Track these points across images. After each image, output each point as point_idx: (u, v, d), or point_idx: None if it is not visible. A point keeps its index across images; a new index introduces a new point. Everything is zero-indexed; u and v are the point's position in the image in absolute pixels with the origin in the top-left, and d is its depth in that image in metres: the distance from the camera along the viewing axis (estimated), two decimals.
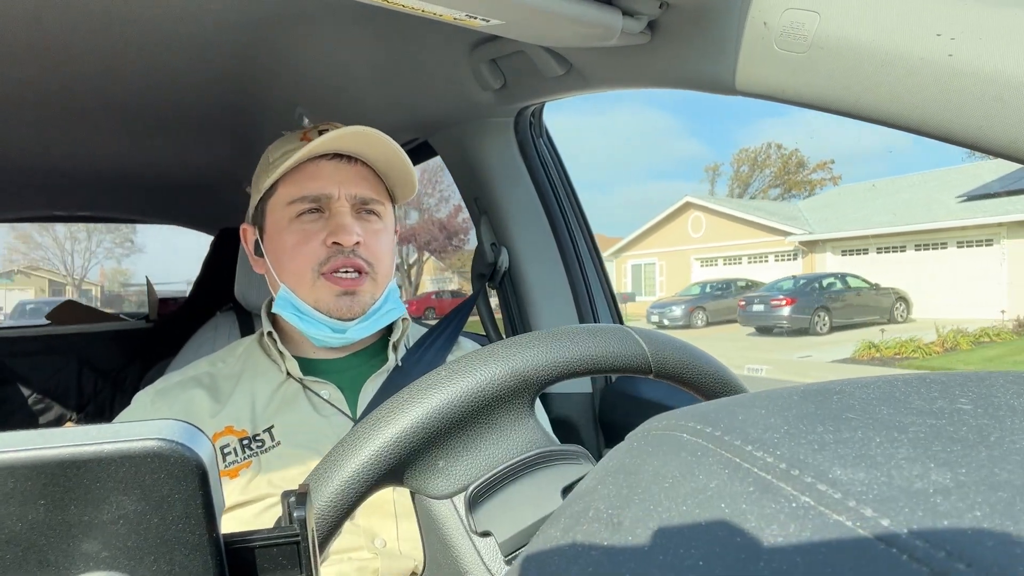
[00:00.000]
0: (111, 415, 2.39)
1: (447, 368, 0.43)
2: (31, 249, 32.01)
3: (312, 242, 0.86)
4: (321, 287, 0.86)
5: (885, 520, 0.18)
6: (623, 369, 0.46)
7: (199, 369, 0.92)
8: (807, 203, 24.31)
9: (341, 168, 0.89)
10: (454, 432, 0.42)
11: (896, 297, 16.13)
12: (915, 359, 11.48)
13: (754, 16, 0.62)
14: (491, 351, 0.44)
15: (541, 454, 0.44)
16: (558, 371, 0.44)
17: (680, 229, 24.07)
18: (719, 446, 0.23)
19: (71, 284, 31.89)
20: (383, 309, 0.90)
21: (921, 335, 12.73)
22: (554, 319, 1.27)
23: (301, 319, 0.87)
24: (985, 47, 0.49)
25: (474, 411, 0.42)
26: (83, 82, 1.26)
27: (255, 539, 0.27)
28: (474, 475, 0.43)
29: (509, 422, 0.44)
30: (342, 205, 0.87)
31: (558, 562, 0.22)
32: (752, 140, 65.54)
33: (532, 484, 0.43)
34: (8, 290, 29.54)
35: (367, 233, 0.88)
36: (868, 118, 0.58)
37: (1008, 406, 0.23)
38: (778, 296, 15.13)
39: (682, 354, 0.49)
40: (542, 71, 0.94)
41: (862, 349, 12.22)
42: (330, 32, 1.09)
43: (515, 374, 0.43)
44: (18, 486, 0.21)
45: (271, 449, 0.82)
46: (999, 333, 13.06)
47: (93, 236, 31.81)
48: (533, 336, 0.45)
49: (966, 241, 16.10)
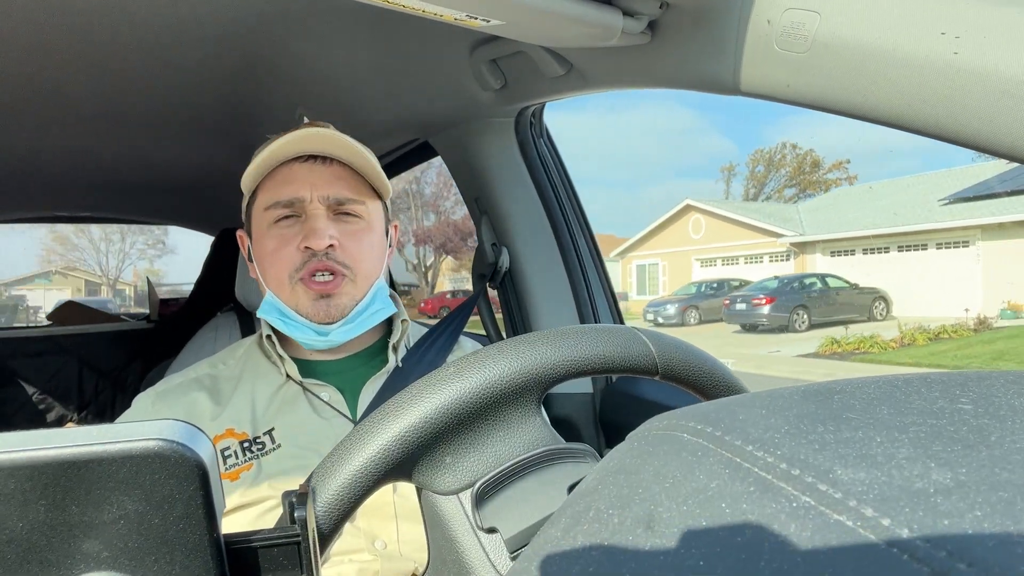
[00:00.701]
0: (112, 416, 2.40)
1: (457, 364, 0.43)
2: (68, 250, 33.00)
3: (288, 247, 0.86)
4: (299, 292, 0.86)
5: (886, 520, 0.18)
6: (630, 370, 0.46)
7: (200, 371, 0.92)
8: (806, 205, 25.11)
9: (315, 169, 0.87)
10: (462, 428, 0.42)
11: (875, 296, 16.91)
12: (872, 353, 12.15)
13: (754, 16, 0.62)
14: (501, 348, 0.44)
15: (548, 452, 0.44)
16: (566, 370, 0.44)
17: (681, 231, 24.97)
18: (720, 446, 0.23)
19: (106, 284, 32.49)
20: (369, 310, 0.90)
21: (883, 332, 13.43)
22: (554, 319, 1.27)
23: (286, 323, 0.87)
24: (990, 46, 0.48)
25: (483, 407, 0.42)
26: (84, 82, 1.26)
27: (256, 539, 0.27)
28: (481, 471, 0.43)
29: (517, 419, 0.44)
30: (316, 208, 0.86)
31: (559, 562, 0.22)
32: (780, 136, 65.11)
33: (539, 481, 0.43)
34: (47, 290, 30.14)
35: (344, 235, 0.87)
36: (871, 118, 0.58)
37: (1009, 406, 0.23)
38: (759, 295, 16.06)
39: (687, 355, 0.49)
40: (542, 71, 0.94)
41: (825, 344, 12.94)
42: (331, 32, 1.10)
43: (524, 371, 0.43)
44: (19, 486, 0.21)
45: (272, 451, 0.82)
46: (956, 330, 13.71)
47: (127, 238, 32.60)
48: (542, 335, 0.45)
49: (945, 243, 16.91)
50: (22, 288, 31.76)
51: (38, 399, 2.33)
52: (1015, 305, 15.23)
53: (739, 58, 0.65)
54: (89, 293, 29.23)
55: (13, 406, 2.28)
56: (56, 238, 31.72)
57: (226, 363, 0.93)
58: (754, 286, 17.50)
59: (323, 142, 0.86)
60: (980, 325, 14.21)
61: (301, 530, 0.28)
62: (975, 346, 12.29)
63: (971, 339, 13.11)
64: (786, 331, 15.45)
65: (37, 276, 32.54)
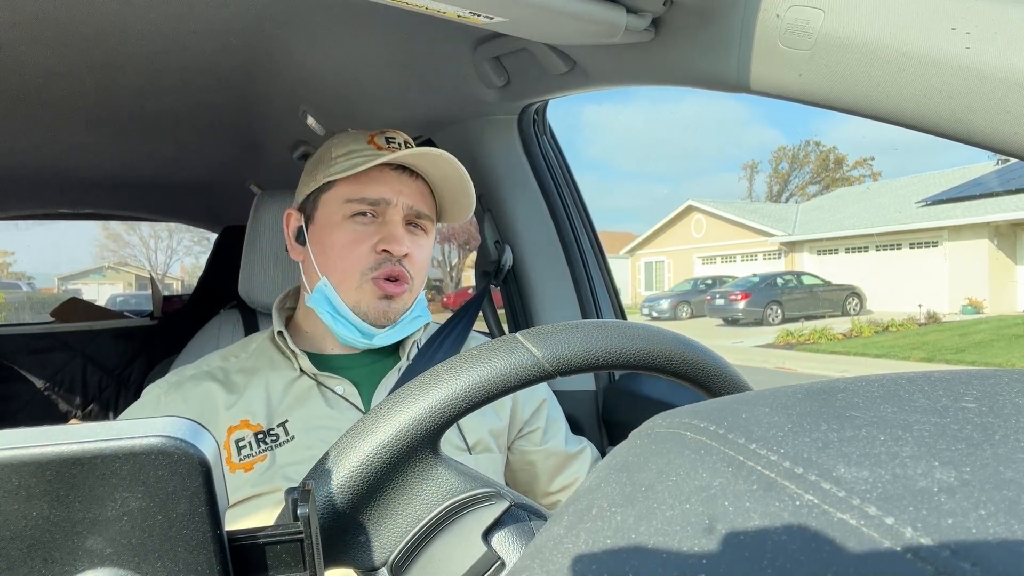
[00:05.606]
0: (116, 412, 2.40)
1: (336, 445, 0.41)
2: (120, 247, 34.54)
3: (363, 245, 0.88)
4: (366, 290, 0.88)
5: (889, 519, 0.18)
6: (522, 384, 0.43)
7: (212, 363, 0.92)
8: (807, 205, 26.46)
9: (404, 179, 0.91)
10: (366, 503, 0.40)
11: (849, 293, 18.19)
12: (820, 344, 13.46)
13: (758, 13, 0.61)
14: (376, 414, 0.41)
15: (453, 505, 0.42)
16: (446, 417, 0.41)
17: (684, 230, 26.51)
18: (723, 444, 0.23)
19: (155, 279, 33.16)
20: (409, 317, 0.93)
21: (833, 325, 15.04)
22: (557, 315, 1.27)
23: (334, 318, 0.89)
24: (1002, 41, 0.48)
25: (375, 481, 0.40)
26: (89, 82, 1.27)
27: (259, 536, 0.27)
28: (394, 543, 0.41)
29: (416, 479, 0.42)
30: (396, 213, 0.90)
31: (561, 560, 0.22)
32: (828, 123, 64.21)
33: (451, 537, 0.42)
34: (100, 284, 30.81)
35: (414, 246, 0.91)
36: (879, 116, 0.57)
37: (1013, 405, 0.23)
38: (735, 291, 17.53)
39: (573, 342, 0.44)
40: (546, 68, 0.94)
41: (780, 336, 14.28)
42: (333, 30, 1.09)
43: (401, 437, 0.40)
44: (23, 483, 0.21)
45: (286, 443, 0.83)
46: (903, 324, 14.99)
47: (174, 235, 33.67)
48: (413, 385, 0.42)
49: (917, 243, 18.29)
50: (77, 283, 32.50)
51: (42, 396, 2.34)
52: (975, 302, 16.46)
53: (743, 55, 0.65)
54: (139, 288, 29.63)
55: (18, 402, 2.29)
56: (109, 235, 33.12)
57: (238, 356, 0.94)
58: (735, 283, 18.76)
59: (431, 161, 0.90)
60: (929, 319, 15.46)
61: (304, 527, 0.28)
62: (909, 337, 13.49)
63: (911, 332, 14.21)
64: (761, 325, 16.66)
65: (91, 272, 33.47)
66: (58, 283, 32.74)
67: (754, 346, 13.40)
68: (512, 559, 0.41)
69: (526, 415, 0.99)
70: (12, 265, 31.98)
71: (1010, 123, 0.49)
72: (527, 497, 0.46)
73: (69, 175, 2.06)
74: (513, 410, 0.98)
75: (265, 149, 1.77)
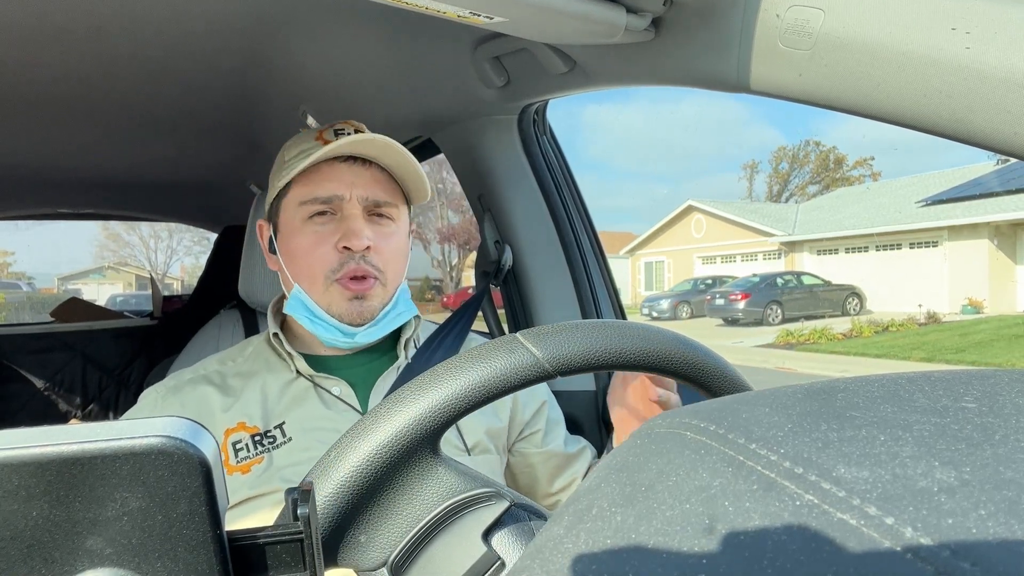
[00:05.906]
0: (116, 412, 2.40)
1: (336, 444, 0.41)
2: (120, 247, 34.60)
3: (324, 246, 0.87)
4: (334, 292, 0.87)
5: (889, 519, 0.17)
6: (522, 383, 0.43)
7: (209, 367, 0.92)
8: (807, 205, 26.51)
9: (355, 170, 0.89)
10: (365, 505, 0.41)
11: (849, 292, 18.19)
12: (820, 344, 13.49)
13: (758, 13, 0.61)
14: (376, 414, 0.41)
15: (453, 505, 0.42)
16: (447, 417, 0.41)
17: (684, 230, 26.53)
18: (723, 444, 0.23)
19: (155, 279, 33.34)
20: (392, 313, 0.91)
21: (833, 325, 15.09)
22: (557, 315, 1.27)
23: (312, 321, 0.88)
24: (1003, 41, 0.48)
25: (375, 481, 0.40)
26: (89, 82, 1.27)
27: (259, 536, 0.27)
28: (394, 542, 0.41)
29: (416, 479, 0.42)
30: (353, 207, 0.87)
31: (561, 560, 0.22)
32: (828, 123, 64.08)
33: (451, 537, 0.42)
34: (100, 284, 30.89)
35: (378, 236, 0.88)
36: (879, 116, 0.57)
37: (1013, 405, 0.23)
38: (735, 291, 17.57)
39: (573, 342, 0.44)
40: (546, 68, 0.94)
41: (780, 336, 14.27)
42: (333, 30, 1.09)
43: (402, 436, 0.40)
44: (23, 483, 0.21)
45: (283, 445, 0.83)
46: (903, 324, 15.00)
47: (174, 235, 33.73)
48: (414, 385, 0.42)
49: (917, 243, 18.33)
50: (77, 283, 32.58)
51: (42, 396, 2.34)
52: (975, 302, 16.50)
53: (743, 55, 0.65)
54: (139, 288, 29.68)
55: (17, 403, 2.29)
56: (109, 235, 33.17)
57: (235, 360, 0.93)
58: (735, 283, 18.77)
59: (374, 148, 0.87)
60: (929, 319, 15.46)
61: (304, 527, 0.28)
62: (909, 337, 13.50)
63: (911, 332, 14.24)
64: (760, 325, 16.67)
65: (91, 271, 33.56)
66: (58, 283, 32.86)
67: (754, 346, 13.48)
68: (512, 559, 0.41)
69: (527, 416, 0.99)
70: (12, 265, 32.17)
71: (1010, 123, 0.49)
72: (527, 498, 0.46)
73: (69, 175, 2.06)
74: (513, 411, 0.98)
75: (265, 149, 1.77)
